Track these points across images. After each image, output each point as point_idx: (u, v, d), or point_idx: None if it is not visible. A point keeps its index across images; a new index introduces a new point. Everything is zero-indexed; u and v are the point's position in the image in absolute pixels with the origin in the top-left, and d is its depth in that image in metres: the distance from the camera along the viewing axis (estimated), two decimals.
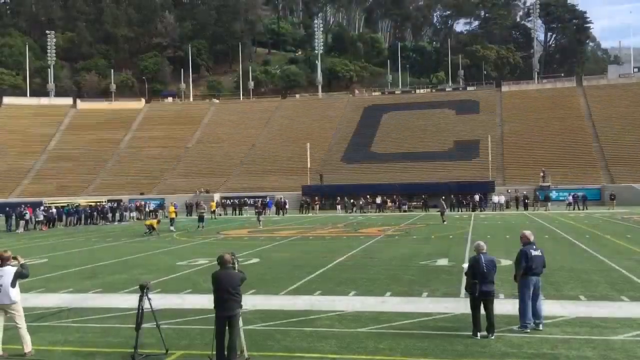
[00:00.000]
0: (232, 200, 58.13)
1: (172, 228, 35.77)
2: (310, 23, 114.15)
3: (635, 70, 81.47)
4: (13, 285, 9.11)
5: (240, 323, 8.70)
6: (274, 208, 54.83)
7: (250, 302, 12.10)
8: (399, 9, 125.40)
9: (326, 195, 59.43)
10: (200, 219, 37.84)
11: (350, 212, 53.84)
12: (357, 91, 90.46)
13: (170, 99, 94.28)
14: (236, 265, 8.87)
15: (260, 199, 56.69)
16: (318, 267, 18.09)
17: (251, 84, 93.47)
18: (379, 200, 55.00)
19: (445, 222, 36.30)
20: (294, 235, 30.39)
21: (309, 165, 62.49)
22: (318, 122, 78.80)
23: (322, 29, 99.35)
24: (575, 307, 11.67)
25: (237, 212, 55.94)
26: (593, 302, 12.20)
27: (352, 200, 55.79)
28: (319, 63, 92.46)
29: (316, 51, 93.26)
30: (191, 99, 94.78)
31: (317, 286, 14.73)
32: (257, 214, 39.37)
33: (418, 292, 13.67)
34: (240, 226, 38.52)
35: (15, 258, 9.38)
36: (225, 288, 8.44)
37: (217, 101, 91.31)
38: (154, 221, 34.69)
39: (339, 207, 55.77)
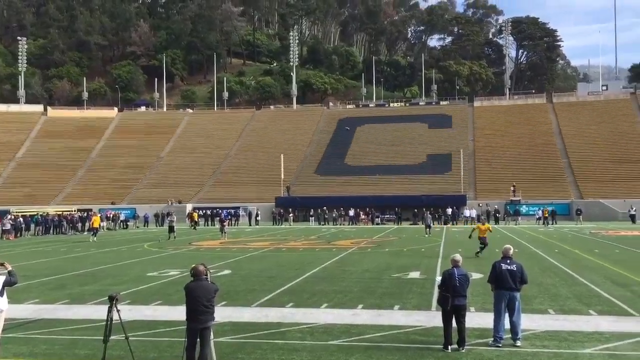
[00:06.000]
0: (204, 211, 57.70)
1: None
2: (285, 35, 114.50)
3: (604, 88, 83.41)
4: (1, 294, 8.84)
5: (211, 336, 8.61)
6: (246, 219, 54.61)
7: (222, 314, 11.98)
8: (373, 23, 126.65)
9: (300, 207, 59.45)
10: (171, 229, 37.42)
11: (323, 224, 53.86)
12: (331, 104, 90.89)
13: (143, 108, 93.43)
14: (209, 277, 8.78)
15: (229, 210, 56.63)
16: (291, 279, 18.03)
17: (226, 94, 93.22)
18: (352, 212, 55.17)
19: (428, 235, 36.63)
20: (267, 247, 30.25)
21: (282, 177, 62.41)
22: (292, 133, 78.85)
23: (297, 41, 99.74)
24: (544, 321, 11.82)
25: (210, 223, 55.51)
26: (562, 316, 12.37)
27: (325, 210, 55.82)
28: (294, 75, 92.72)
29: (291, 63, 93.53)
30: (165, 108, 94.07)
31: (290, 298, 14.67)
32: (221, 225, 38.21)
33: (390, 304, 13.70)
34: (212, 237, 38.20)
35: (2, 265, 9.09)
36: (199, 300, 8.34)
37: (191, 111, 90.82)
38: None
39: (312, 219, 55.79)
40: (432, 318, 11.75)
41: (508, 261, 10.31)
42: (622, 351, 9.64)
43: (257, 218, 55.50)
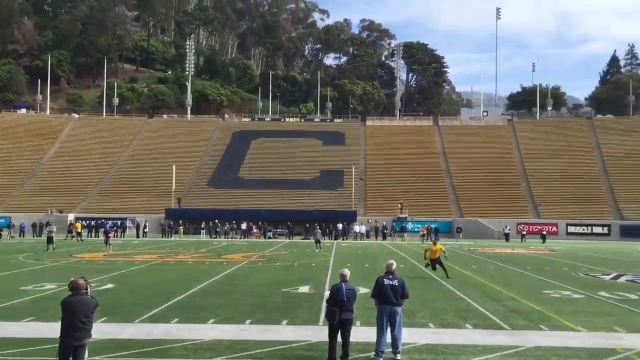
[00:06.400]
0: (88, 222, 54.92)
1: None
2: (182, 43, 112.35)
3: (484, 114, 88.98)
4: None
5: (86, 354, 8.16)
6: (133, 231, 52.60)
7: (101, 330, 11.42)
8: (272, 38, 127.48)
9: (191, 219, 58.21)
10: (49, 240, 35.26)
11: (214, 237, 53.04)
12: (227, 115, 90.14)
13: (23, 111, 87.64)
14: (89, 291, 8.35)
15: (115, 221, 54.45)
16: (178, 293, 17.54)
17: (116, 100, 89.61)
18: (244, 226, 54.77)
19: (318, 250, 37.01)
20: (154, 260, 29.29)
21: (174, 188, 60.88)
22: (185, 144, 77.21)
23: (194, 50, 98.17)
24: (424, 335, 12.29)
25: (94, 234, 52.87)
26: (441, 330, 12.93)
27: (216, 222, 55.00)
28: (189, 84, 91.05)
29: (187, 72, 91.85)
30: (47, 111, 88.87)
31: (176, 314, 14.26)
32: (106, 237, 36.27)
33: (278, 319, 13.68)
34: (95, 249, 36.40)
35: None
36: (77, 316, 7.89)
37: (77, 116, 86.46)
38: None
39: (203, 231, 54.79)
40: (319, 332, 11.86)
41: (391, 276, 10.61)
42: None
43: (145, 230, 53.65)
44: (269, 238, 53.74)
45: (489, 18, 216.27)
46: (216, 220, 55.51)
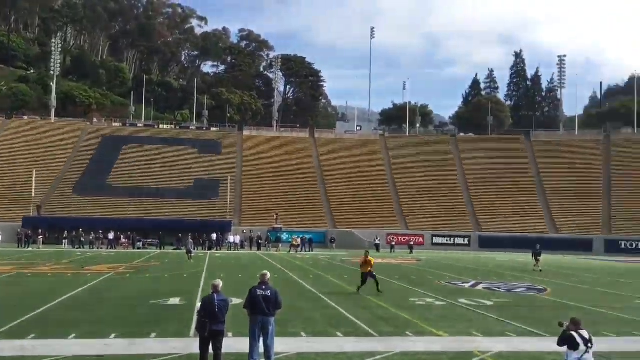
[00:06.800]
0: None
1: None
2: (47, 41, 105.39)
3: (358, 128, 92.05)
4: None
5: None
6: None
7: None
8: (146, 41, 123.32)
9: (51, 228, 54.48)
10: None
11: (78, 248, 50.06)
12: (95, 119, 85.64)
13: None
14: None
15: None
16: (35, 307, 16.29)
17: None
18: (111, 235, 52.21)
19: (191, 261, 36.14)
20: (9, 272, 27.04)
21: (33, 195, 56.74)
22: (48, 148, 72.29)
23: (60, 49, 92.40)
24: (296, 344, 12.38)
25: None
26: (313, 338, 13.09)
27: (80, 232, 51.94)
28: (54, 85, 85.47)
29: (52, 72, 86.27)
30: None
31: (33, 329, 13.23)
32: None
33: (146, 332, 13.15)
34: None
35: None
36: None
37: None
38: None
39: (65, 241, 51.56)
40: (190, 345, 11.56)
41: (264, 287, 10.59)
42: None
43: None
44: (139, 248, 51.67)
45: (364, 36, 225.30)
46: (80, 230, 52.39)
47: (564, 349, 8.10)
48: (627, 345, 13.09)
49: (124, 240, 52.74)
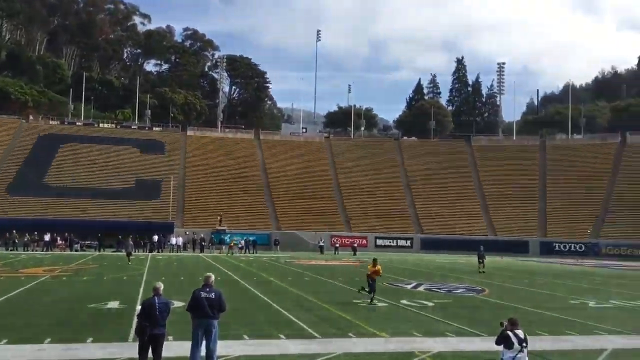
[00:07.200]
0: None
1: None
2: None
3: (303, 130, 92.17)
4: None
5: None
6: None
7: None
8: (87, 38, 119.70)
9: None
10: None
11: (12, 250, 48.11)
12: (31, 117, 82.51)
13: None
14: None
15: None
16: None
17: None
18: (47, 237, 50.40)
19: (130, 263, 35.33)
20: None
21: None
22: None
23: None
24: (239, 346, 12.27)
25: None
26: (256, 341, 13.01)
27: (14, 233, 49.94)
28: None
29: None
30: None
31: None
32: None
33: (83, 337, 12.75)
34: None
35: None
36: None
37: None
38: None
39: None
40: (128, 349, 11.28)
41: (208, 289, 10.45)
42: None
43: None
44: (76, 251, 50.12)
45: (310, 38, 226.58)
46: (14, 231, 50.37)
47: (501, 347, 8.37)
48: (559, 344, 13.60)
49: (60, 242, 51.06)
